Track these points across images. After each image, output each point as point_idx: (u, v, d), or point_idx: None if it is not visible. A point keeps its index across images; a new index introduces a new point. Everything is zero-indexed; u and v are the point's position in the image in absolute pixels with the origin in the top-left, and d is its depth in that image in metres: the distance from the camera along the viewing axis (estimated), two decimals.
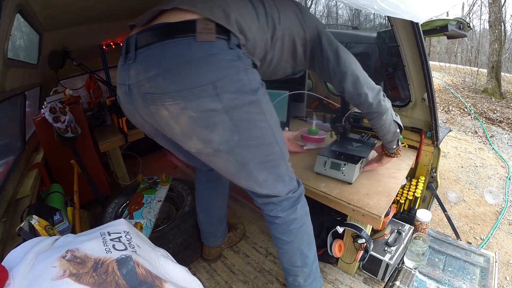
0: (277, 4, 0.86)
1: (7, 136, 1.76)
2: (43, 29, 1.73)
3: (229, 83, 0.69)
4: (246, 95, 0.72)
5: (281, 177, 0.93)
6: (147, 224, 1.49)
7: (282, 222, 0.98)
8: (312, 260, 1.08)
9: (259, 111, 0.76)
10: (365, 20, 11.65)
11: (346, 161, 1.32)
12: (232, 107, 0.70)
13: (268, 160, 0.85)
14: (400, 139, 1.26)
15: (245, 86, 0.71)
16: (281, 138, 0.88)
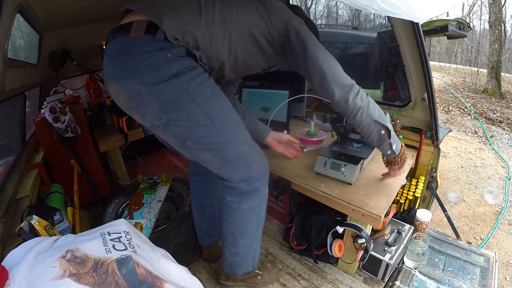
0: (234, 1, 0.95)
1: (7, 136, 1.77)
2: (43, 29, 1.73)
3: (149, 69, 0.83)
4: (167, 79, 0.84)
5: (231, 163, 0.99)
6: (147, 224, 1.49)
7: (227, 204, 1.09)
8: (242, 246, 1.16)
9: (184, 93, 0.87)
10: (365, 20, 11.65)
11: (347, 161, 1.32)
12: (154, 89, 0.85)
13: (207, 142, 0.94)
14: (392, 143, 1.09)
15: (165, 72, 0.84)
16: (225, 124, 0.94)
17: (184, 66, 0.86)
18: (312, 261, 1.54)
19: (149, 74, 0.84)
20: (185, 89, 0.86)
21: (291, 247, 1.62)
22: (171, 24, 0.85)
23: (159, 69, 0.84)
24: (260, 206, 1.13)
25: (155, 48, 0.83)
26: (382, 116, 1.05)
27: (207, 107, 0.90)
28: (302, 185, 1.38)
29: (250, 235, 1.17)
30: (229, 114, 0.97)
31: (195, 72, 0.88)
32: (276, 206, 1.84)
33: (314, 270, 1.50)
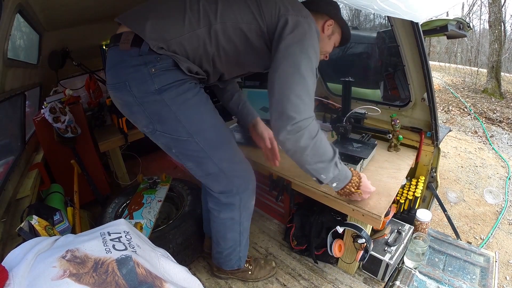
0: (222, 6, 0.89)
1: (7, 136, 1.76)
2: (43, 29, 1.73)
3: (136, 83, 0.87)
4: (151, 94, 0.88)
5: (211, 175, 1.05)
6: (147, 224, 1.49)
7: (210, 209, 1.19)
8: (225, 249, 1.25)
9: (167, 110, 0.90)
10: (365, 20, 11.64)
11: (347, 161, 1.32)
12: (141, 102, 0.89)
13: (189, 155, 1.00)
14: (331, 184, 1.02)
15: (149, 87, 0.87)
16: (206, 142, 0.97)
17: (168, 82, 0.87)
18: (312, 261, 1.54)
19: (136, 87, 0.88)
20: (168, 106, 0.89)
21: (291, 247, 1.62)
22: (154, 35, 0.85)
23: (144, 83, 0.87)
24: (242, 217, 1.18)
25: (140, 63, 0.85)
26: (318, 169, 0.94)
27: (189, 125, 0.93)
28: (302, 185, 1.38)
29: (232, 240, 1.23)
30: (212, 132, 0.99)
31: (181, 89, 0.90)
32: (276, 206, 1.84)
33: (314, 270, 1.50)
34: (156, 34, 0.85)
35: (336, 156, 0.96)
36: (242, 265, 1.35)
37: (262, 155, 1.62)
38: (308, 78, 0.85)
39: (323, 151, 0.92)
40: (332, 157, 0.95)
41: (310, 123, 0.85)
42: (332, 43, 1.18)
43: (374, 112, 1.47)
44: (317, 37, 0.93)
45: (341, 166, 1.00)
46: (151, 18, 0.87)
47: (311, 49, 0.88)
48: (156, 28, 0.85)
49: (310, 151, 0.88)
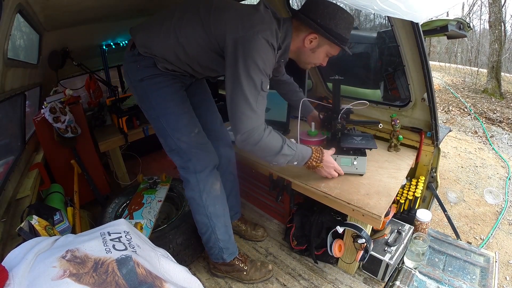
0: (184, 19, 1.10)
1: (7, 136, 1.76)
2: (43, 29, 1.73)
3: (130, 73, 1.22)
4: (136, 81, 1.21)
5: (173, 151, 1.28)
6: (147, 224, 1.49)
7: None
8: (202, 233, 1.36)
9: (145, 94, 1.22)
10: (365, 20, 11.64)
11: (356, 155, 1.35)
12: (134, 86, 1.23)
13: (158, 131, 1.27)
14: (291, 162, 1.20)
15: (135, 77, 1.20)
16: (169, 123, 1.23)
17: (147, 74, 1.17)
18: (312, 261, 1.54)
19: (131, 76, 1.22)
20: (146, 91, 1.21)
21: (291, 247, 1.62)
22: (140, 42, 1.15)
23: (134, 74, 1.20)
24: (203, 199, 1.29)
25: (133, 60, 1.18)
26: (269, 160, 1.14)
27: (158, 107, 1.22)
28: (302, 185, 1.38)
29: (202, 224, 1.33)
30: (173, 117, 1.22)
31: (156, 80, 1.19)
32: (276, 206, 1.84)
33: (314, 270, 1.50)
34: (141, 42, 1.15)
35: (283, 148, 1.12)
36: (227, 258, 1.38)
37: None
38: (250, 95, 1.00)
39: (269, 148, 1.10)
40: (278, 150, 1.11)
41: (255, 132, 1.03)
42: (320, 55, 1.18)
43: (362, 106, 1.50)
44: (270, 51, 1.02)
45: (293, 151, 1.16)
46: (143, 30, 1.17)
47: (254, 66, 0.98)
48: (142, 38, 1.15)
49: (258, 151, 1.09)
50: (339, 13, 1.08)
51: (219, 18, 1.05)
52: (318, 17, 1.08)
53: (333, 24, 1.08)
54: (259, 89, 1.01)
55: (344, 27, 1.10)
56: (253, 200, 1.99)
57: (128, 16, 2.19)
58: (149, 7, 2.07)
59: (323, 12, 1.08)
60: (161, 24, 1.14)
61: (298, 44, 1.15)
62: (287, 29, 1.12)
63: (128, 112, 2.13)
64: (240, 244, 1.68)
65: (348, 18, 1.10)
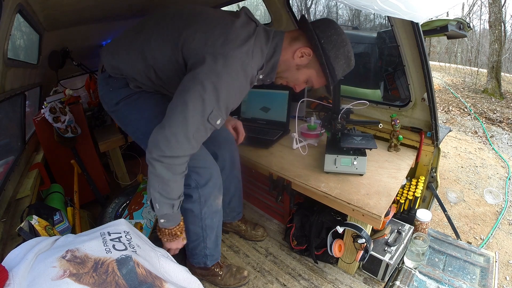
0: (152, 40, 0.99)
1: (7, 136, 1.76)
2: (43, 29, 1.73)
3: (105, 98, 1.14)
4: (112, 106, 1.13)
5: None
6: (147, 224, 1.49)
7: None
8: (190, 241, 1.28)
9: (123, 117, 1.15)
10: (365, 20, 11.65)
11: (356, 155, 1.36)
12: (110, 112, 1.16)
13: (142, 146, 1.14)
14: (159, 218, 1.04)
15: (110, 101, 1.13)
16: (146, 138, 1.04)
17: (121, 96, 1.10)
18: (312, 261, 1.54)
19: (107, 101, 1.15)
20: (124, 114, 1.14)
21: (291, 247, 1.62)
22: (109, 65, 1.07)
23: (109, 98, 1.13)
24: (203, 213, 1.21)
25: (105, 84, 1.12)
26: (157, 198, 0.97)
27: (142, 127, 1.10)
28: (302, 185, 1.38)
29: (194, 234, 1.26)
30: None
31: (132, 98, 1.10)
32: (276, 206, 1.84)
33: (314, 270, 1.50)
34: (111, 64, 1.07)
35: (178, 200, 1.01)
36: (210, 264, 1.35)
37: (262, 156, 1.62)
38: (192, 120, 0.86)
39: (171, 189, 0.96)
40: (174, 198, 0.99)
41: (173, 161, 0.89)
42: (301, 76, 1.04)
43: (362, 106, 1.50)
44: (240, 79, 0.89)
45: (177, 211, 1.04)
46: (111, 51, 1.08)
47: (211, 91, 0.85)
48: (110, 60, 1.07)
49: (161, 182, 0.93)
50: (345, 48, 0.98)
51: (189, 35, 0.91)
52: (323, 37, 0.95)
53: (333, 55, 0.97)
54: (205, 118, 0.87)
55: (342, 64, 0.99)
56: (253, 200, 1.99)
57: (128, 16, 2.19)
58: (149, 7, 2.07)
59: (331, 37, 0.96)
60: (129, 44, 1.04)
61: (287, 55, 1.01)
62: (276, 44, 0.99)
63: None
64: (240, 244, 1.68)
65: (350, 58, 1.00)
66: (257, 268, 1.53)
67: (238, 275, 1.44)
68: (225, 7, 2.44)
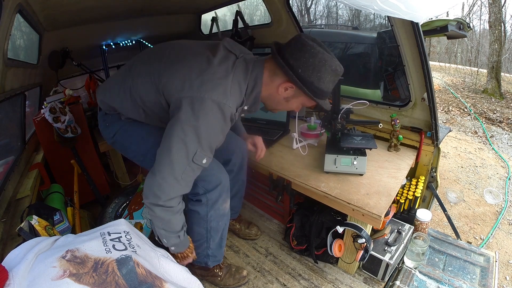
0: (139, 82, 1.04)
1: (7, 136, 1.76)
2: (43, 29, 1.73)
3: (104, 133, 1.23)
4: (110, 139, 1.22)
5: None
6: (147, 224, 1.49)
7: None
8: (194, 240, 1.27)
9: (122, 145, 1.22)
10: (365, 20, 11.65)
11: (356, 155, 1.36)
12: (111, 144, 1.25)
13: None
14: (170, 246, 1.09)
15: (108, 135, 1.21)
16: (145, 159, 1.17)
17: (116, 128, 1.17)
18: (312, 261, 1.54)
19: (105, 136, 1.23)
20: (122, 142, 1.20)
21: (291, 247, 1.62)
22: (103, 102, 1.16)
23: (107, 133, 1.21)
24: (209, 215, 1.22)
25: (102, 120, 1.21)
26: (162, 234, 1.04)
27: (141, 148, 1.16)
28: (302, 185, 1.38)
29: (198, 235, 1.27)
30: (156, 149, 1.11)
31: (126, 126, 1.16)
32: (276, 206, 1.84)
33: (314, 270, 1.50)
34: (104, 103, 1.15)
35: (183, 230, 1.07)
36: (211, 264, 1.35)
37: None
38: (177, 163, 0.91)
39: (174, 224, 1.03)
40: (178, 230, 1.05)
41: (168, 202, 0.95)
42: (293, 105, 1.07)
43: (362, 106, 1.51)
44: (219, 119, 0.92)
45: (184, 238, 1.11)
46: (104, 91, 1.16)
47: (192, 134, 0.89)
48: (104, 99, 1.15)
49: (162, 221, 1.00)
50: (326, 65, 0.93)
51: (169, 80, 0.95)
52: (300, 66, 0.92)
53: (316, 78, 0.94)
54: (190, 159, 0.91)
55: (329, 80, 0.96)
56: (253, 200, 1.99)
57: (128, 16, 2.19)
58: (149, 7, 2.07)
59: (308, 62, 0.92)
60: (120, 83, 1.09)
61: (270, 90, 1.01)
62: (256, 76, 0.98)
63: None
64: (240, 244, 1.68)
65: (335, 70, 0.95)
66: (257, 268, 1.53)
67: (237, 275, 1.44)
68: (225, 7, 2.45)
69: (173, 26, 2.66)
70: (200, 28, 2.87)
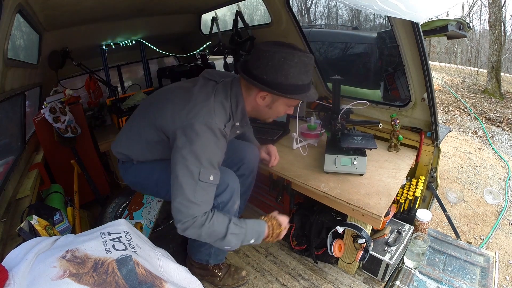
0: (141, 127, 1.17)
1: (7, 136, 1.76)
2: (43, 29, 1.73)
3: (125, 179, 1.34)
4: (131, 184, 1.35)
5: None
6: (147, 224, 1.49)
7: None
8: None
9: (140, 187, 1.35)
10: (365, 20, 11.66)
11: (356, 155, 1.35)
12: (133, 188, 1.40)
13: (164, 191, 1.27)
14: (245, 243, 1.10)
15: (128, 180, 1.33)
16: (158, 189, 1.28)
17: (131, 174, 1.28)
18: (312, 261, 1.54)
19: (127, 181, 1.34)
20: (140, 182, 1.29)
21: (291, 247, 1.62)
22: (119, 154, 1.27)
23: (126, 177, 1.32)
24: None
25: (121, 168, 1.32)
26: (219, 245, 1.06)
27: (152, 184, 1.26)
28: (302, 185, 1.38)
29: None
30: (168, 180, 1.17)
31: (136, 173, 1.27)
32: (276, 206, 1.84)
33: (314, 270, 1.50)
34: (118, 152, 1.27)
35: (229, 228, 1.05)
36: (212, 262, 1.37)
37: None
38: (187, 186, 0.97)
39: (214, 233, 1.03)
40: (224, 234, 1.04)
41: (195, 221, 0.98)
42: (279, 108, 1.10)
43: (362, 106, 1.50)
44: (210, 137, 0.98)
45: (242, 228, 1.08)
46: (117, 143, 1.27)
47: (191, 157, 0.96)
48: (119, 149, 1.26)
49: (204, 236, 1.02)
50: (287, 62, 0.95)
51: (162, 118, 1.07)
52: (263, 72, 0.97)
53: (282, 76, 0.96)
54: (197, 179, 0.97)
55: (297, 73, 0.97)
56: (253, 200, 1.99)
57: (128, 16, 2.19)
58: (149, 7, 2.07)
59: (267, 65, 0.96)
60: (127, 133, 1.24)
61: (252, 103, 1.08)
62: (236, 93, 1.06)
63: (128, 112, 2.12)
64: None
65: (300, 62, 0.96)
66: (257, 268, 1.53)
67: (236, 275, 1.44)
68: (225, 7, 2.45)
69: (173, 26, 2.66)
70: (200, 28, 2.87)
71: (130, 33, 2.50)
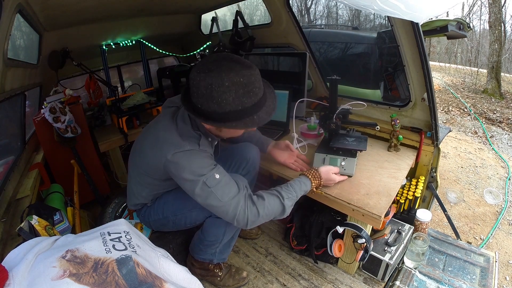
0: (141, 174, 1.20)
1: (7, 136, 1.77)
2: (43, 29, 1.73)
3: (145, 224, 1.39)
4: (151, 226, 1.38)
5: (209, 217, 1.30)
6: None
7: None
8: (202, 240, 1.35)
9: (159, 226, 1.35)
10: (365, 20, 11.66)
11: (345, 155, 1.34)
12: (153, 229, 1.42)
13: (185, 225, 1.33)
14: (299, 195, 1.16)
15: (148, 224, 1.37)
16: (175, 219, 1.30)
17: (148, 217, 1.31)
18: (312, 261, 1.54)
19: (147, 225, 1.38)
20: (157, 222, 1.31)
21: (291, 247, 1.62)
22: (134, 205, 1.31)
23: (145, 222, 1.35)
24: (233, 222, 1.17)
25: (140, 217, 1.35)
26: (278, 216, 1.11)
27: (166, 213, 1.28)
28: None
29: (214, 235, 1.31)
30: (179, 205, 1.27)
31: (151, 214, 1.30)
32: None
33: (314, 270, 1.50)
34: (133, 202, 1.30)
35: (284, 201, 1.09)
36: (215, 261, 1.38)
37: (262, 156, 1.62)
38: (208, 199, 1.01)
39: (272, 212, 1.08)
40: (282, 209, 1.10)
41: (241, 212, 1.02)
42: (231, 131, 1.08)
43: (361, 107, 1.50)
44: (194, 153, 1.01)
45: (292, 194, 1.13)
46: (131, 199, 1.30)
47: (188, 176, 0.99)
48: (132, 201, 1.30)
49: (262, 219, 1.06)
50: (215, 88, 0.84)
51: (147, 167, 1.13)
52: (197, 102, 0.91)
53: (215, 105, 0.87)
54: (208, 188, 1.00)
55: (234, 97, 0.86)
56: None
57: (128, 16, 2.19)
58: (149, 7, 2.07)
59: (198, 94, 0.88)
60: (131, 183, 1.27)
61: (206, 126, 1.04)
62: (190, 116, 1.07)
63: (128, 112, 2.12)
64: (240, 244, 1.69)
65: (235, 84, 0.85)
66: (257, 268, 1.53)
67: (237, 276, 1.44)
68: (225, 7, 2.45)
69: (173, 26, 2.66)
70: (200, 28, 2.87)
71: (130, 33, 2.50)
